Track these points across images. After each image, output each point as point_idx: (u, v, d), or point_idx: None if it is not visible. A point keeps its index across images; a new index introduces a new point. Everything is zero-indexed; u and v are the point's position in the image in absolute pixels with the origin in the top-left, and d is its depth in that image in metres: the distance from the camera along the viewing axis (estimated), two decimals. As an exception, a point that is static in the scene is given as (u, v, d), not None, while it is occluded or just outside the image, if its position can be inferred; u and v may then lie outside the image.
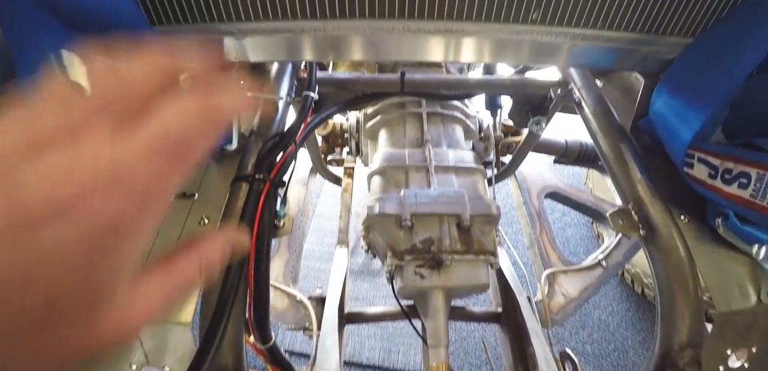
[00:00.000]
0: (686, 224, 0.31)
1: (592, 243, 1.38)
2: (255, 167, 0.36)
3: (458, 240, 0.43)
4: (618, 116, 0.42)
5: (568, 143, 0.71)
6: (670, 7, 0.31)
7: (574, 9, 0.31)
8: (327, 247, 1.31)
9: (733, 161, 0.29)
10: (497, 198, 0.50)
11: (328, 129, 0.72)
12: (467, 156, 0.52)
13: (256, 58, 0.33)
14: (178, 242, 0.16)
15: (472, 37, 0.33)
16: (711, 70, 0.30)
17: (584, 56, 0.35)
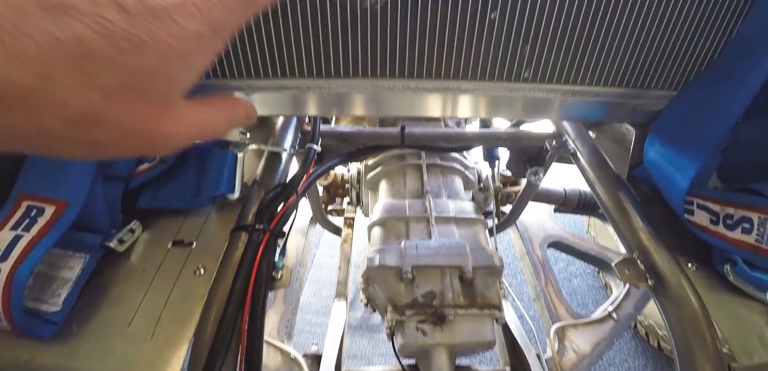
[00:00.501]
0: (694, 272, 0.30)
1: (600, 294, 1.34)
2: (256, 217, 0.36)
3: (461, 294, 0.42)
4: (613, 165, 0.43)
5: (567, 191, 0.72)
6: (651, 64, 0.33)
7: (563, 68, 0.33)
8: (324, 300, 1.26)
9: (733, 207, 0.29)
10: (499, 249, 0.49)
11: (330, 179, 0.73)
12: (467, 207, 0.52)
13: (263, 112, 0.35)
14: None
15: (468, 95, 0.34)
16: (698, 120, 0.31)
17: (575, 110, 0.36)
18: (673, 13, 0.30)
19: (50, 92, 0.12)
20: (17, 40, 0.11)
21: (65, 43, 0.12)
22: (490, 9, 0.30)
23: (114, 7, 0.13)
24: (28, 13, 0.12)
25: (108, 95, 0.13)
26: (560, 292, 0.67)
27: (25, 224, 0.27)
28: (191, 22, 0.14)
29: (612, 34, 0.31)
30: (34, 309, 0.27)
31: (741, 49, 0.30)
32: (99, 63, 0.13)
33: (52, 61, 0.12)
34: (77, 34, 0.12)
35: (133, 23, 0.13)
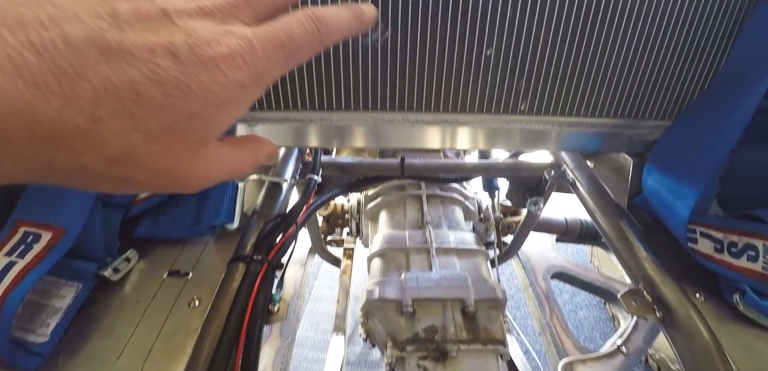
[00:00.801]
0: (703, 303, 0.30)
1: (607, 326, 1.29)
2: (254, 247, 0.36)
3: (464, 328, 0.40)
4: (613, 194, 0.43)
5: (568, 221, 0.71)
6: (644, 94, 0.34)
7: (558, 100, 0.34)
8: (322, 334, 1.22)
9: (737, 234, 0.29)
10: (501, 280, 0.48)
11: (330, 210, 0.73)
12: (468, 237, 0.52)
13: (265, 144, 0.35)
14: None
15: (466, 127, 0.35)
16: (694, 149, 0.31)
17: (572, 141, 0.37)
18: (662, 45, 0.32)
19: (97, 133, 0.13)
20: (76, 83, 0.12)
21: (118, 87, 0.13)
22: (486, 45, 0.31)
23: (168, 55, 0.13)
24: (89, 57, 0.12)
25: (149, 136, 0.14)
26: (566, 325, 0.65)
27: (20, 250, 0.26)
28: (236, 73, 0.15)
29: (604, 67, 0.33)
30: (21, 338, 0.26)
31: (729, 79, 0.31)
32: (147, 107, 0.13)
33: (103, 104, 0.13)
34: (131, 79, 0.13)
35: (183, 71, 0.14)
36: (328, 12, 0.18)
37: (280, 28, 0.16)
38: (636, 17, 0.30)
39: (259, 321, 0.31)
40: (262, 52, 0.16)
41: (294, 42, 0.17)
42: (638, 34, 0.31)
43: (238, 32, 0.15)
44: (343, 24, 0.19)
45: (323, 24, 0.17)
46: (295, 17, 0.17)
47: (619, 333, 0.62)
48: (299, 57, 0.17)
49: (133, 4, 0.14)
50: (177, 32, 0.14)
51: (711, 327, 0.28)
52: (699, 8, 0.30)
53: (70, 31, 0.12)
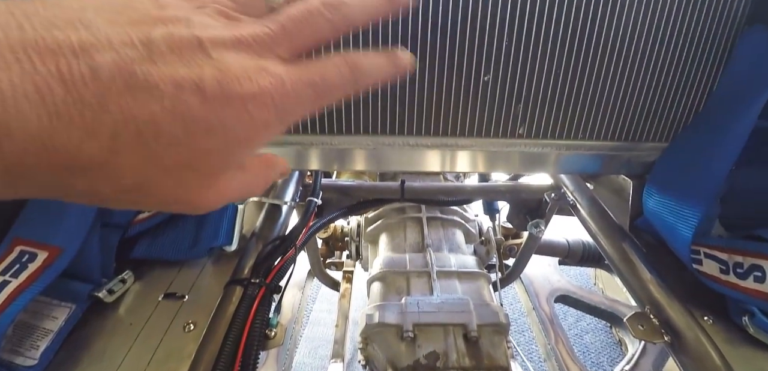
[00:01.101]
0: (712, 326, 0.29)
1: (615, 351, 1.25)
2: (252, 270, 0.35)
3: (466, 354, 0.39)
4: (614, 216, 0.43)
5: (571, 243, 0.70)
6: (641, 117, 0.34)
7: (556, 124, 0.34)
8: (320, 360, 1.18)
9: (742, 255, 0.29)
10: (504, 304, 0.47)
11: (329, 232, 0.72)
12: (469, 260, 0.51)
13: (266, 166, 0.36)
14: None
15: (465, 150, 0.36)
16: (692, 170, 0.31)
17: (571, 164, 0.37)
18: (656, 70, 0.32)
19: (113, 165, 0.13)
20: (98, 116, 0.12)
21: (139, 121, 0.12)
22: (484, 71, 0.32)
23: (195, 91, 0.13)
24: (114, 89, 0.12)
25: (164, 170, 0.13)
26: (572, 350, 0.63)
27: (14, 269, 0.26)
28: (263, 113, 0.14)
29: (600, 92, 0.33)
30: (9, 361, 0.25)
31: (723, 102, 0.32)
32: (165, 143, 0.13)
33: (122, 137, 0.12)
34: (153, 113, 0.12)
35: (207, 108, 0.13)
36: (367, 60, 0.17)
37: (315, 71, 0.16)
38: (629, 43, 0.31)
39: (255, 347, 0.30)
40: (292, 92, 0.15)
41: (327, 86, 0.16)
42: (632, 59, 0.32)
43: (272, 70, 0.15)
44: (380, 73, 0.18)
45: (359, 71, 0.17)
46: (333, 61, 0.16)
47: (627, 359, 0.60)
48: (330, 100, 0.16)
49: (169, 30, 0.13)
50: (208, 66, 0.13)
51: (721, 352, 0.27)
52: (690, 33, 0.31)
53: (100, 60, 0.12)
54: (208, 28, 0.14)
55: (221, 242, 0.35)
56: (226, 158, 0.15)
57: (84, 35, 0.12)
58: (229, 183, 0.16)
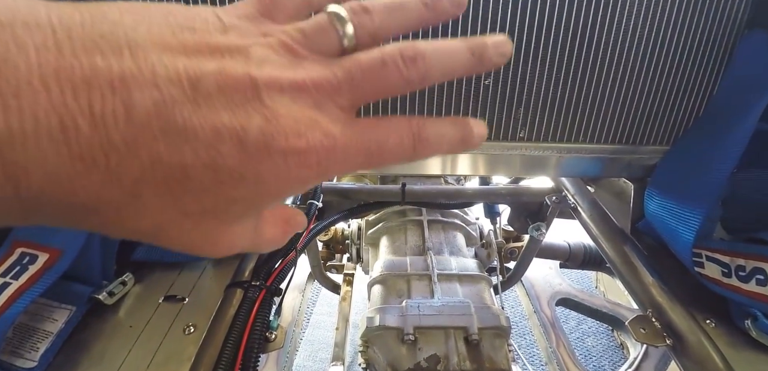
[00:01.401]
0: (714, 329, 0.29)
1: (616, 354, 1.24)
2: (253, 272, 0.35)
3: (467, 358, 0.39)
4: (615, 219, 0.42)
5: (572, 246, 0.70)
6: (641, 120, 0.34)
7: (557, 127, 0.34)
8: (320, 363, 1.17)
9: (744, 257, 0.29)
10: (505, 307, 0.47)
11: (330, 235, 0.72)
12: (470, 264, 0.51)
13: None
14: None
15: (466, 154, 0.36)
16: (693, 173, 0.31)
17: (572, 167, 0.37)
18: (656, 74, 0.32)
19: (133, 208, 0.11)
20: (124, 160, 0.11)
21: (167, 166, 0.11)
22: (485, 75, 0.32)
23: (234, 141, 0.11)
24: (147, 133, 0.11)
25: (185, 214, 0.12)
26: (573, 354, 0.62)
27: (15, 271, 0.26)
28: (303, 170, 0.13)
29: (601, 95, 0.33)
30: (9, 363, 0.25)
31: (723, 105, 0.32)
32: (192, 189, 0.12)
33: (147, 182, 0.11)
34: (183, 160, 0.11)
35: (243, 160, 0.12)
36: (435, 130, 0.15)
37: (375, 138, 0.14)
38: (629, 46, 0.31)
39: (255, 349, 0.30)
40: (342, 155, 0.13)
41: (383, 153, 0.14)
42: (633, 63, 0.32)
43: (326, 127, 0.13)
44: (446, 146, 0.15)
45: (423, 143, 0.15)
46: (397, 129, 0.14)
47: (630, 362, 0.60)
48: (382, 164, 0.14)
49: (223, 65, 0.12)
50: (256, 114, 0.12)
51: (724, 355, 0.27)
52: (690, 37, 0.31)
53: (138, 99, 0.10)
54: (266, 64, 0.12)
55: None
56: (250, 207, 0.13)
57: (127, 64, 0.10)
58: (245, 232, 0.15)
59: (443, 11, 0.16)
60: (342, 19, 0.14)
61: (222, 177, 0.12)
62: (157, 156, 0.11)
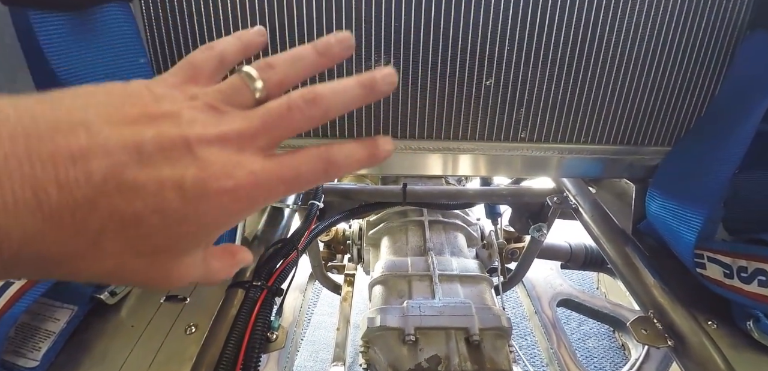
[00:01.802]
0: (716, 330, 0.29)
1: (618, 356, 1.23)
2: (254, 273, 0.35)
3: (468, 358, 0.39)
4: (617, 219, 0.42)
5: (573, 247, 0.70)
6: (643, 121, 0.34)
7: (558, 128, 0.34)
8: (321, 363, 1.17)
9: (746, 259, 0.28)
10: (506, 308, 0.47)
11: (331, 236, 0.72)
12: (471, 264, 0.51)
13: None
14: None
15: (467, 154, 0.36)
16: (695, 174, 0.31)
17: (573, 168, 0.37)
18: (658, 74, 0.32)
19: (94, 255, 0.14)
20: (88, 215, 0.13)
21: (122, 215, 0.13)
22: (486, 76, 0.32)
23: (177, 190, 0.14)
24: (105, 192, 0.13)
25: (139, 254, 0.14)
26: (575, 355, 0.62)
27: (17, 272, 0.26)
28: (236, 204, 0.15)
29: (602, 96, 0.33)
30: (11, 363, 0.25)
31: (725, 106, 0.32)
32: (144, 233, 0.14)
33: (106, 232, 0.13)
34: (136, 210, 0.13)
35: (185, 203, 0.14)
36: (343, 154, 0.17)
37: (289, 167, 0.16)
38: (631, 47, 0.31)
39: (256, 349, 0.30)
40: (265, 186, 0.16)
41: (300, 179, 0.17)
42: (634, 63, 0.32)
43: (249, 166, 0.15)
44: (356, 165, 0.18)
45: (334, 166, 0.17)
46: (308, 158, 0.17)
47: (631, 363, 0.60)
48: (301, 189, 0.17)
49: (160, 130, 0.14)
50: (192, 166, 0.14)
51: (726, 356, 0.27)
52: (691, 37, 0.31)
53: (95, 167, 0.13)
54: (195, 124, 0.15)
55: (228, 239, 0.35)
56: (197, 241, 0.16)
57: (83, 140, 0.13)
58: (195, 264, 0.17)
59: (335, 56, 0.19)
60: (251, 77, 0.17)
61: (168, 220, 0.14)
62: (113, 208, 0.13)
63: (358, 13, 0.29)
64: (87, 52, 0.26)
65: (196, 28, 0.30)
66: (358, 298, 0.77)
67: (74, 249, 0.13)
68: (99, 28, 0.26)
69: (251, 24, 0.29)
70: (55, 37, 0.25)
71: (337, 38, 0.19)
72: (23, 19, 0.26)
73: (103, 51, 0.26)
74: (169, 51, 0.30)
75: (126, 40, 0.26)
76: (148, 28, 0.29)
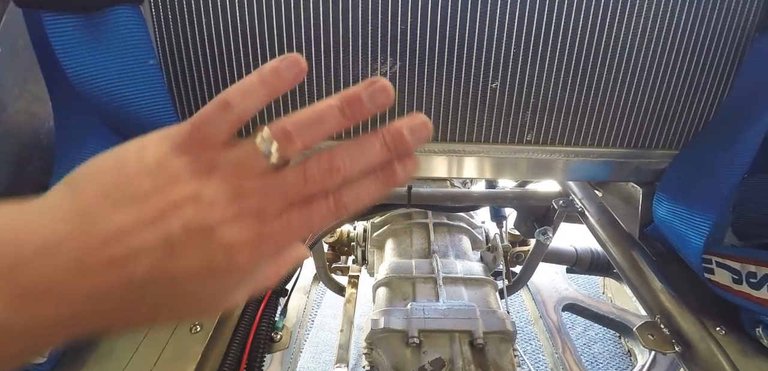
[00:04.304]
0: (724, 337, 0.28)
1: (624, 361, 1.22)
2: (258, 273, 0.35)
3: (472, 362, 0.39)
4: (623, 223, 0.42)
5: (579, 251, 0.70)
6: (650, 124, 0.34)
7: (564, 130, 0.34)
8: (324, 365, 1.17)
9: (755, 264, 0.28)
10: (511, 312, 0.46)
11: (335, 237, 0.72)
12: (476, 267, 0.51)
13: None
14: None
15: (472, 157, 0.35)
16: (703, 178, 0.31)
17: (580, 171, 0.37)
18: (666, 77, 0.32)
19: (149, 320, 0.17)
20: (141, 301, 0.15)
21: (167, 297, 0.16)
22: (492, 78, 0.32)
23: (207, 273, 0.16)
24: (151, 282, 0.15)
25: (179, 313, 0.17)
26: (580, 360, 0.62)
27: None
28: (262, 258, 0.17)
29: (609, 98, 0.33)
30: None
31: (734, 109, 0.31)
32: (184, 301, 0.16)
33: (158, 309, 0.16)
34: (176, 292, 0.16)
35: (216, 281, 0.16)
36: (352, 197, 0.18)
37: (305, 222, 0.17)
38: (638, 49, 0.31)
39: (260, 350, 0.31)
40: (284, 242, 0.17)
41: (314, 230, 0.18)
42: (642, 66, 0.32)
43: (270, 236, 0.16)
44: (367, 200, 0.18)
45: (343, 209, 0.17)
46: (319, 209, 0.17)
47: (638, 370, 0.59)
48: (318, 233, 0.21)
49: (184, 222, 0.15)
50: (217, 251, 0.15)
51: (734, 363, 0.26)
52: (700, 40, 0.31)
53: (139, 270, 0.15)
54: (215, 207, 0.15)
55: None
56: (237, 287, 0.18)
57: (123, 250, 0.15)
58: (239, 296, 0.18)
59: (361, 114, 0.17)
60: (267, 146, 0.16)
61: (207, 292, 0.16)
62: (158, 297, 0.15)
63: (365, 15, 0.30)
64: (98, 53, 0.26)
65: (205, 30, 0.30)
66: (361, 300, 0.77)
67: (130, 319, 0.16)
68: (110, 30, 0.26)
69: (259, 26, 0.30)
70: (67, 38, 0.25)
71: (367, 93, 0.17)
72: (36, 21, 0.26)
73: (114, 53, 0.26)
74: (178, 53, 0.31)
75: (136, 42, 0.27)
76: (158, 31, 0.30)
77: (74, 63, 0.26)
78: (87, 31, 0.26)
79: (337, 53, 0.31)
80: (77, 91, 0.26)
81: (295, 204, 0.17)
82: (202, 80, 0.32)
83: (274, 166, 0.16)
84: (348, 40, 0.30)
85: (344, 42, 0.30)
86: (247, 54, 0.31)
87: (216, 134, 0.16)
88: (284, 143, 0.16)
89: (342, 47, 0.30)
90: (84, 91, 0.26)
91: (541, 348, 0.68)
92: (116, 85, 0.26)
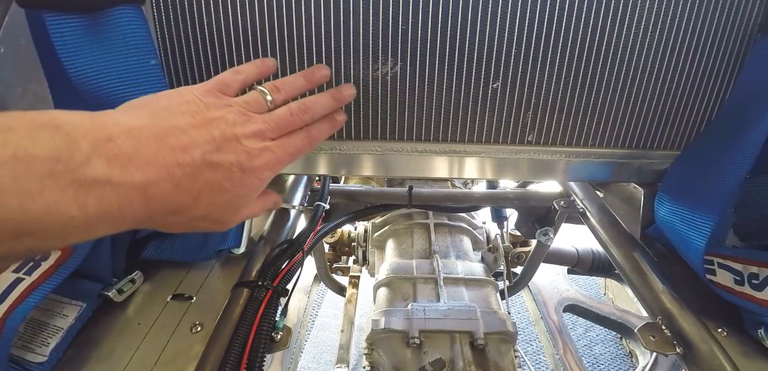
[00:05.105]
0: (726, 338, 0.28)
1: (625, 363, 1.21)
2: (260, 273, 0.35)
3: (473, 362, 0.38)
4: (625, 224, 0.42)
5: (580, 252, 0.69)
6: (652, 125, 0.34)
7: (565, 131, 0.34)
8: (324, 365, 1.17)
9: (757, 265, 0.28)
10: (512, 313, 0.46)
11: (336, 237, 0.72)
12: (477, 268, 0.51)
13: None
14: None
15: (473, 157, 0.35)
16: (705, 179, 0.31)
17: (581, 171, 0.37)
18: (667, 77, 0.32)
19: (193, 206, 0.21)
20: (193, 184, 0.21)
21: (210, 182, 0.21)
22: (492, 79, 0.32)
23: (238, 167, 0.22)
24: (202, 167, 0.21)
25: (217, 206, 0.22)
26: (581, 361, 0.61)
27: (28, 267, 0.26)
28: (266, 173, 0.24)
29: (610, 99, 0.33)
30: (20, 357, 0.25)
31: (736, 110, 0.31)
32: (221, 192, 0.22)
33: (202, 192, 0.21)
34: (218, 180, 0.22)
35: (243, 175, 0.23)
36: (317, 131, 0.28)
37: (291, 145, 0.26)
38: (639, 50, 0.31)
39: (261, 349, 0.30)
40: (280, 160, 0.25)
41: (297, 151, 0.26)
42: (644, 66, 0.32)
43: (270, 149, 0.24)
44: (325, 134, 0.29)
45: (314, 139, 0.28)
46: (299, 136, 0.26)
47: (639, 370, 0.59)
48: (300, 154, 0.26)
49: (221, 130, 0.22)
50: (242, 152, 0.22)
51: (736, 364, 0.26)
52: (702, 40, 0.31)
53: (195, 154, 0.20)
54: (237, 125, 0.23)
55: (230, 244, 0.36)
56: (248, 199, 0.24)
57: (185, 140, 0.20)
58: (246, 212, 0.26)
59: (317, 79, 0.30)
60: (265, 93, 0.26)
61: (235, 184, 0.23)
62: (205, 180, 0.21)
63: (366, 16, 0.30)
64: (100, 53, 0.26)
65: (206, 30, 0.30)
66: (362, 300, 0.77)
67: (185, 203, 0.21)
68: (111, 30, 0.26)
69: (260, 26, 0.30)
70: (69, 38, 0.26)
71: (319, 70, 0.30)
72: (38, 21, 0.26)
73: (116, 52, 0.26)
74: (179, 53, 0.31)
75: (138, 42, 0.27)
76: (160, 30, 0.30)
77: (76, 63, 0.26)
78: (89, 31, 0.26)
79: (337, 54, 0.31)
80: (79, 90, 0.26)
81: (284, 135, 0.25)
82: (204, 80, 0.32)
83: (270, 107, 0.26)
84: (349, 40, 0.30)
85: (345, 43, 0.30)
86: (247, 54, 0.31)
87: (230, 86, 0.25)
88: (274, 92, 0.26)
89: (343, 48, 0.30)
90: (86, 91, 0.26)
91: (542, 349, 0.68)
92: (118, 85, 0.27)
